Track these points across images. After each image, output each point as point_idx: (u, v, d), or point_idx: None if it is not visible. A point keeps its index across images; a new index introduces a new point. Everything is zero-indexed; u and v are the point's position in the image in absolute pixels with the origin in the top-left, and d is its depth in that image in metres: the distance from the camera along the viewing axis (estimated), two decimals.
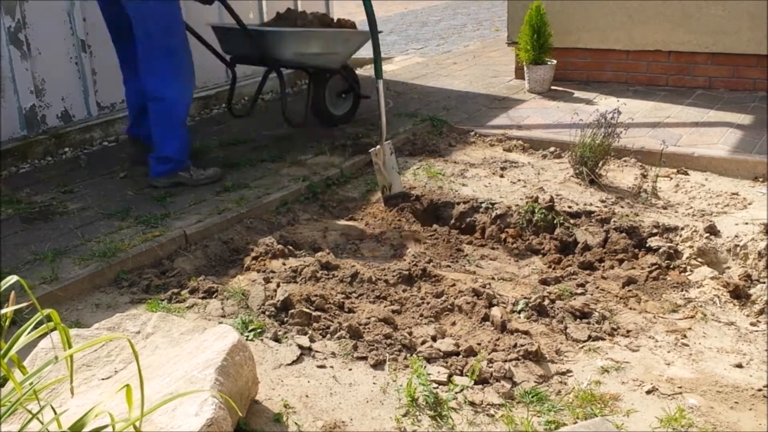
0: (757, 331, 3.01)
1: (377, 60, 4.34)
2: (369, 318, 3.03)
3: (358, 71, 5.97)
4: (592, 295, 3.30)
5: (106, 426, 1.57)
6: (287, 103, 5.15)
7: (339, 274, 3.38)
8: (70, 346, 1.69)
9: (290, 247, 3.65)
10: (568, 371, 2.76)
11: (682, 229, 3.72)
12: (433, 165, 4.79)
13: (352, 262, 3.51)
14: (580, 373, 2.75)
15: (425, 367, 2.72)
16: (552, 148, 4.98)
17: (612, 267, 3.57)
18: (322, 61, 5.15)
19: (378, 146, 4.29)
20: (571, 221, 3.91)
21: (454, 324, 3.08)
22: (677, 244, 3.62)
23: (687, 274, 3.44)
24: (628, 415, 2.50)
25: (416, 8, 14.29)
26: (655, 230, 3.73)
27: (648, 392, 2.62)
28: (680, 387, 2.65)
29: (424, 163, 4.85)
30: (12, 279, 1.74)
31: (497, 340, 2.91)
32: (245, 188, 4.47)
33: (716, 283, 3.30)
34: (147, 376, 2.26)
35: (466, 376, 2.68)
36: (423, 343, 2.89)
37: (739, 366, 2.77)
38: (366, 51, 5.59)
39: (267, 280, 3.34)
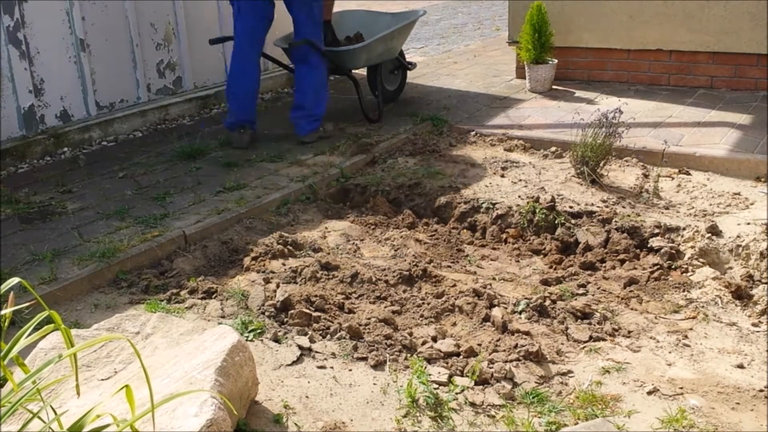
0: (758, 331, 3.00)
1: None
2: (369, 318, 3.02)
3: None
4: (593, 295, 3.29)
5: (107, 425, 1.57)
6: (363, 101, 5.72)
7: (339, 275, 3.37)
8: (72, 347, 1.68)
9: (290, 248, 3.64)
10: (569, 372, 2.75)
11: (684, 229, 3.71)
12: (433, 165, 4.77)
13: (352, 263, 3.50)
14: (581, 374, 2.74)
15: (426, 367, 2.71)
16: (553, 148, 4.97)
17: (613, 267, 3.55)
18: (386, 56, 5.87)
19: None
20: (573, 221, 3.90)
21: (454, 324, 3.07)
22: (679, 245, 3.61)
23: (689, 274, 3.43)
24: (629, 415, 2.49)
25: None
26: (656, 230, 3.72)
27: (649, 393, 2.61)
28: (681, 387, 2.64)
29: (425, 162, 4.83)
30: (14, 281, 1.73)
31: (498, 340, 2.90)
32: (245, 188, 4.46)
33: (718, 283, 3.29)
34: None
35: (467, 376, 2.67)
36: (423, 343, 2.88)
37: (741, 367, 2.77)
38: None
39: (267, 281, 3.33)
